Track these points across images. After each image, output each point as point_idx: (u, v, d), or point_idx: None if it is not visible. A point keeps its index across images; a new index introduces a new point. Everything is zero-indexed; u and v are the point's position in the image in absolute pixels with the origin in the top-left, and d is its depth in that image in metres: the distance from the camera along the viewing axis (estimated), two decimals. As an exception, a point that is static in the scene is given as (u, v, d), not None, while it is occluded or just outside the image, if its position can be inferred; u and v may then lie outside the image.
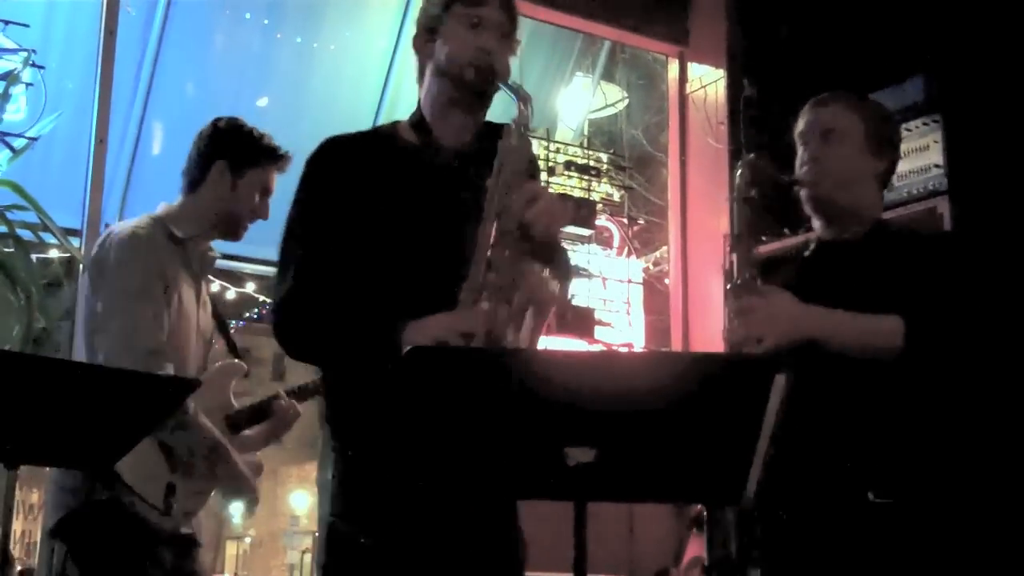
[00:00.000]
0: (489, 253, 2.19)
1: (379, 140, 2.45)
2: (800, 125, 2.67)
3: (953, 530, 2.46)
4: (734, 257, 2.57)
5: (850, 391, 2.48)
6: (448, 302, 2.21)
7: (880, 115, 2.69)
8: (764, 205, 2.65)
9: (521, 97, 2.27)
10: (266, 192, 3.18)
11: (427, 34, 2.39)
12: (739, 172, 2.62)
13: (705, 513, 2.51)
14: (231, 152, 3.13)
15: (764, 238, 4.60)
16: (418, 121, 2.42)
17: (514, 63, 2.39)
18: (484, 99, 2.37)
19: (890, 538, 2.42)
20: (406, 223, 2.31)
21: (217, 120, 3.20)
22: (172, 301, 3.02)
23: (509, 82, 2.29)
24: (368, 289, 2.28)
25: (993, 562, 3.23)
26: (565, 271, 2.43)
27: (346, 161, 2.39)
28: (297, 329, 2.36)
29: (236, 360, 3.28)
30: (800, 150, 2.66)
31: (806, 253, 2.69)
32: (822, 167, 2.58)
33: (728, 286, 2.58)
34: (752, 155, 2.66)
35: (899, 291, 2.49)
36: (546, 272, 2.22)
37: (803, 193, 2.63)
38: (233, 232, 3.19)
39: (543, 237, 2.21)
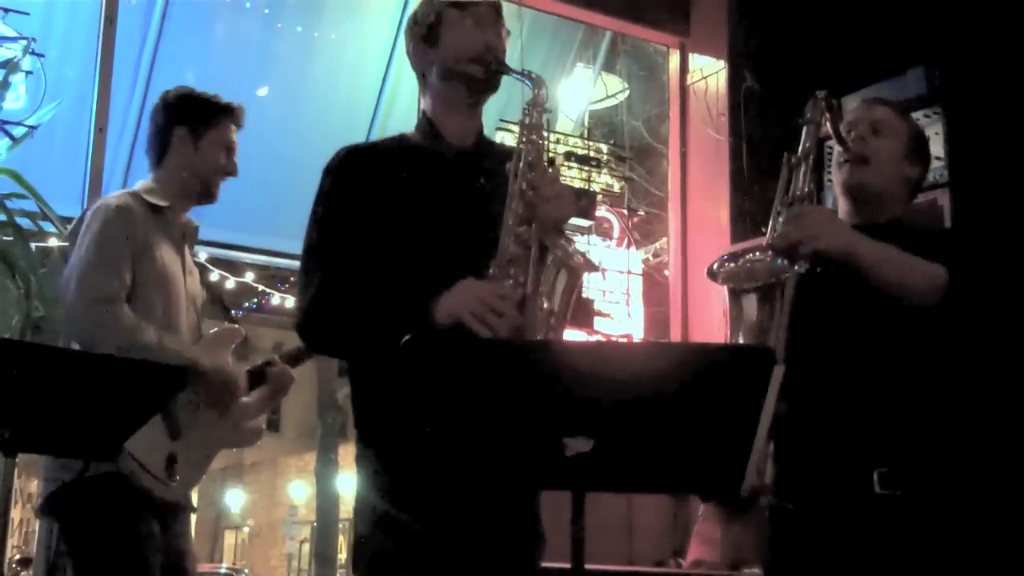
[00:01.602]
0: (516, 227, 2.26)
1: (390, 145, 2.54)
2: (849, 116, 2.77)
3: (960, 522, 2.47)
4: (794, 176, 2.55)
5: (860, 382, 2.49)
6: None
7: (919, 129, 2.83)
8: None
9: (533, 80, 2.40)
10: (230, 149, 3.28)
11: (424, 43, 2.49)
12: (811, 102, 2.61)
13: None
14: (187, 117, 3.24)
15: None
16: (424, 125, 2.52)
17: (516, 53, 2.45)
18: (491, 91, 2.48)
19: (896, 530, 2.43)
20: (424, 217, 2.39)
21: (166, 93, 3.32)
22: (154, 263, 3.10)
23: (517, 69, 2.41)
24: (389, 283, 2.33)
25: (999, 554, 3.24)
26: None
27: (361, 167, 2.46)
28: (327, 323, 2.39)
29: (234, 325, 3.34)
30: (839, 150, 2.71)
31: None
32: (870, 150, 2.67)
33: (780, 201, 2.55)
34: (826, 92, 2.63)
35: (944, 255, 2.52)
36: (567, 251, 2.27)
37: (844, 173, 2.69)
38: (207, 194, 3.28)
39: (551, 222, 2.29)
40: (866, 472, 2.47)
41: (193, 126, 3.23)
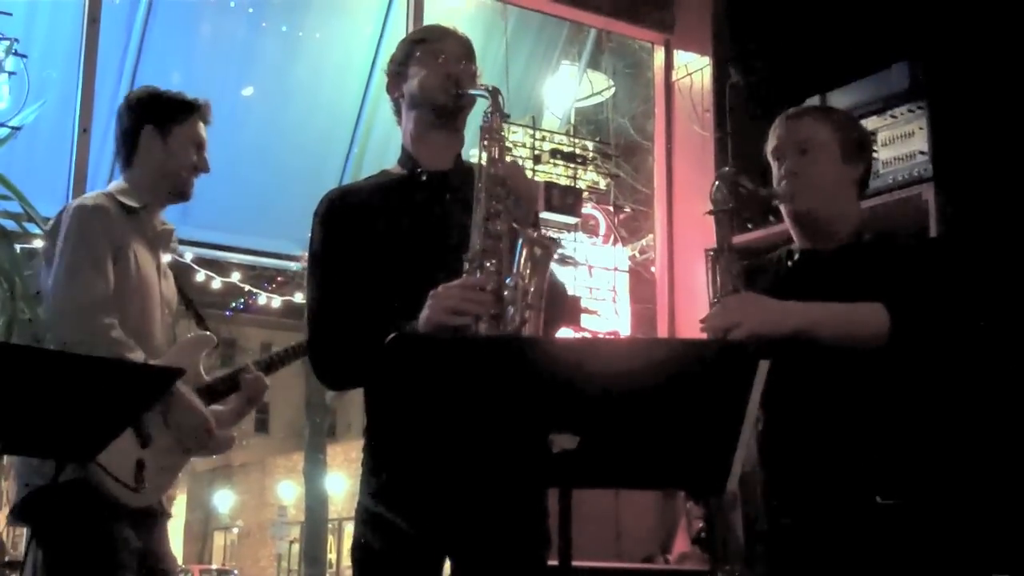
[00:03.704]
0: (485, 223, 2.37)
1: (371, 182, 2.70)
2: (772, 141, 2.69)
3: (959, 529, 2.47)
4: (718, 270, 2.59)
5: (851, 395, 2.47)
6: None
7: (849, 122, 2.74)
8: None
9: (490, 92, 2.51)
10: (199, 145, 3.27)
11: (396, 78, 2.68)
12: (715, 186, 2.64)
13: (705, 532, 2.51)
14: (153, 116, 3.23)
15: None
16: (403, 156, 2.68)
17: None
18: (457, 116, 2.62)
19: (897, 539, 2.42)
20: (402, 242, 2.53)
21: (130, 93, 3.34)
22: (129, 264, 3.08)
23: (479, 85, 2.54)
24: (380, 315, 2.44)
25: (998, 559, 3.24)
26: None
27: (345, 209, 2.61)
28: (326, 366, 2.57)
29: (206, 332, 3.31)
30: (775, 166, 2.67)
31: (789, 263, 2.69)
32: (801, 181, 2.60)
33: (713, 299, 2.60)
34: (727, 169, 2.68)
35: (883, 296, 2.50)
36: (535, 233, 2.35)
37: (784, 208, 2.66)
38: (180, 192, 3.26)
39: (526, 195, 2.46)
40: (866, 483, 2.45)
41: (160, 124, 3.21)
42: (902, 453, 2.46)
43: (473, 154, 2.64)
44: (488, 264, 2.33)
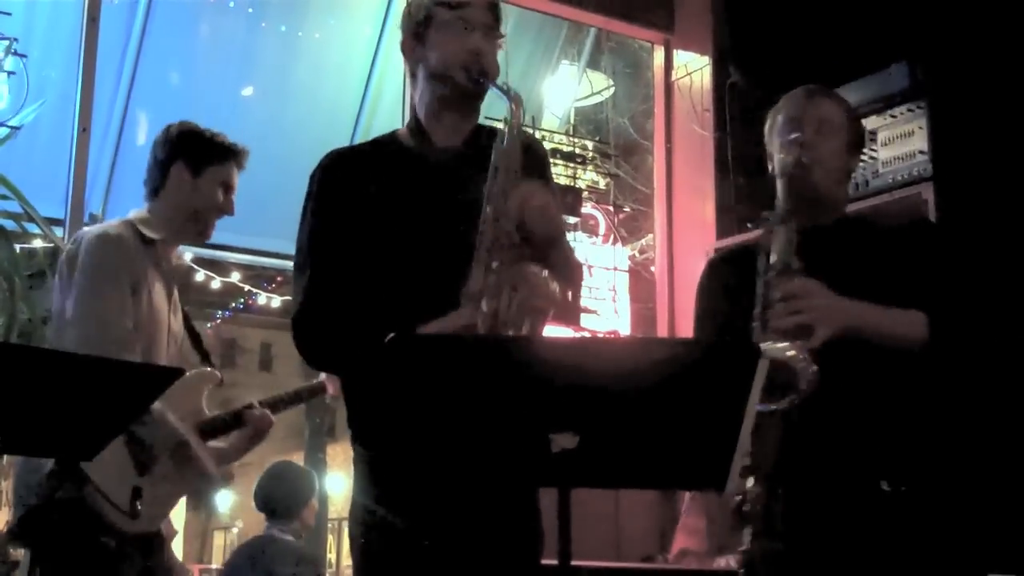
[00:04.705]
0: (488, 257, 2.24)
1: (378, 148, 2.53)
2: (791, 109, 2.67)
3: (965, 519, 2.48)
4: (774, 235, 2.47)
5: (864, 380, 2.47)
6: (451, 297, 2.26)
7: (856, 117, 2.77)
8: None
9: (512, 98, 2.33)
10: (228, 188, 3.25)
11: (414, 39, 2.46)
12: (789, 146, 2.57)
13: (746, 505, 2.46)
14: (188, 153, 3.20)
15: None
16: (414, 125, 2.50)
17: (500, 52, 2.45)
18: (476, 99, 2.46)
19: (902, 527, 2.42)
20: (407, 224, 2.39)
21: (169, 126, 3.28)
22: (142, 298, 3.05)
23: (500, 83, 2.37)
24: (375, 292, 2.35)
25: (1005, 550, 3.24)
26: (566, 271, 2.43)
27: (349, 171, 2.47)
28: (312, 342, 2.42)
29: (210, 368, 3.30)
30: (785, 131, 2.64)
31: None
32: (817, 154, 2.59)
33: (763, 266, 2.46)
34: (798, 134, 2.59)
35: (879, 276, 2.51)
36: (545, 273, 2.24)
37: (789, 181, 2.61)
38: (201, 231, 3.25)
39: (542, 234, 2.28)
40: (871, 470, 2.45)
41: (193, 162, 3.19)
42: (911, 440, 2.47)
43: (485, 122, 2.51)
44: (483, 305, 2.21)
